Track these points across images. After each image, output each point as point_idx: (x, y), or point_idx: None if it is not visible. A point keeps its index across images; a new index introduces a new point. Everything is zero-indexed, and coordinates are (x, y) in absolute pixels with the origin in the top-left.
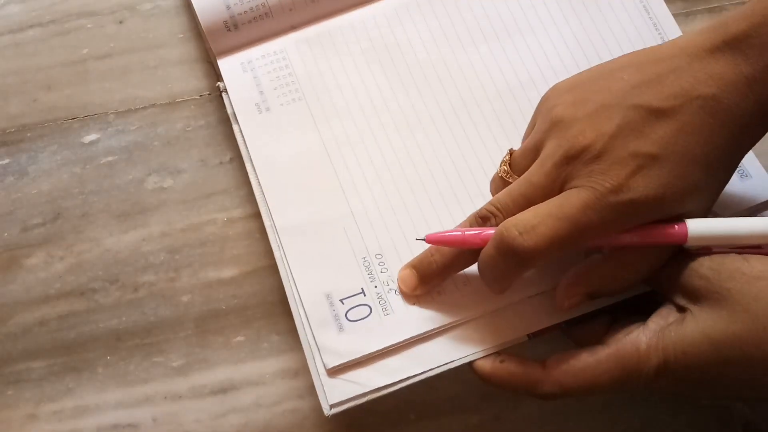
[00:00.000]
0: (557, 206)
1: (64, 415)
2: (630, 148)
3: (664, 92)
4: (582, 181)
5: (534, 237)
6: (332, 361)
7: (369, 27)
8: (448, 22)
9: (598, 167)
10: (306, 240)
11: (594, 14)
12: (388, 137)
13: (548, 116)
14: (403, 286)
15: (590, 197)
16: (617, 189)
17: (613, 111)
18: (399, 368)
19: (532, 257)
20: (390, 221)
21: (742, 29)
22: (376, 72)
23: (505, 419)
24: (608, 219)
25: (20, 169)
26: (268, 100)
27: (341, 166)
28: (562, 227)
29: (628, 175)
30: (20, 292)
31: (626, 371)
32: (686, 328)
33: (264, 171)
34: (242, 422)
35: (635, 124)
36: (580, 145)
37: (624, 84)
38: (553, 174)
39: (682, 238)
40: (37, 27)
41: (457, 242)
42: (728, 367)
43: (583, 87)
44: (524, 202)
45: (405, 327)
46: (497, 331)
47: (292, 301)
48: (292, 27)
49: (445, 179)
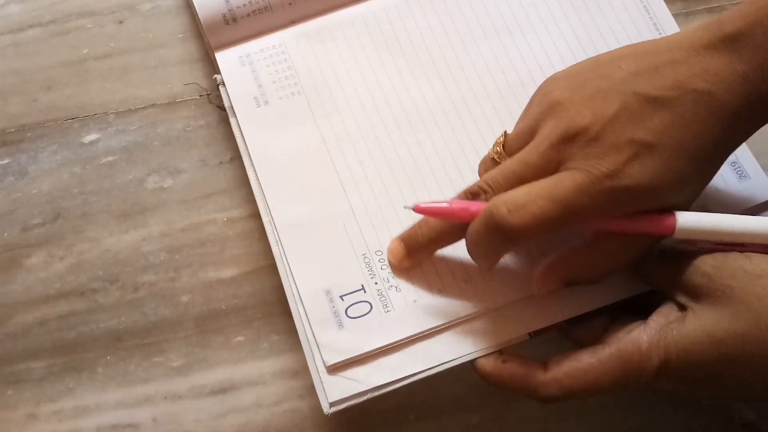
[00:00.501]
0: (550, 187)
1: (64, 415)
2: (627, 134)
3: (661, 82)
4: (578, 164)
5: (523, 216)
6: (332, 358)
7: (369, 22)
8: (448, 18)
9: (595, 150)
10: (305, 236)
11: (594, 13)
12: (388, 133)
13: (545, 100)
14: (391, 257)
15: (584, 180)
16: (612, 174)
17: (611, 96)
18: (400, 366)
19: (519, 235)
20: (390, 217)
21: (737, 28)
22: (375, 67)
23: (505, 419)
24: (600, 203)
25: (20, 169)
26: (267, 94)
27: (341, 162)
28: (552, 208)
29: (624, 161)
30: (20, 292)
31: (628, 371)
32: (688, 327)
33: (262, 165)
34: (242, 422)
35: (633, 111)
36: (578, 126)
37: (622, 72)
38: (548, 154)
39: (670, 230)
40: (37, 27)
41: (445, 213)
42: (730, 365)
43: (581, 74)
44: (516, 181)
45: (406, 324)
46: (499, 329)
47: (291, 298)
48: (291, 21)
49: (445, 175)
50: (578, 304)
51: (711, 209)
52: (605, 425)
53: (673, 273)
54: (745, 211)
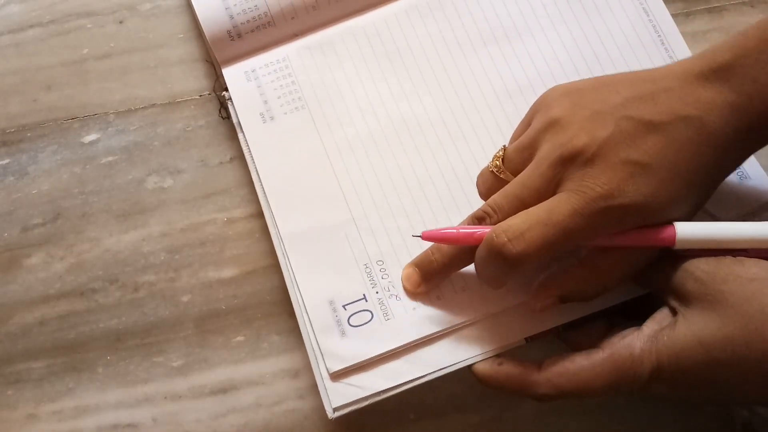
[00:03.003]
0: (546, 212)
1: (64, 415)
2: (622, 155)
3: (655, 108)
4: (574, 185)
5: (522, 243)
6: (335, 366)
7: (369, 33)
8: (447, 26)
9: (591, 171)
10: (309, 247)
11: (593, 17)
12: (389, 143)
13: (545, 116)
14: (407, 284)
15: (578, 203)
16: (607, 194)
17: (607, 119)
18: (400, 372)
19: (520, 262)
20: (391, 227)
21: (726, 59)
22: (376, 78)
23: (505, 419)
24: (595, 223)
25: (20, 169)
26: (272, 110)
27: (343, 173)
28: (549, 233)
29: (619, 180)
30: (20, 292)
31: (620, 375)
32: (679, 332)
33: (269, 180)
34: (242, 422)
35: (628, 134)
36: (575, 148)
37: (619, 97)
38: (548, 175)
39: (669, 241)
40: (37, 27)
41: (451, 239)
42: (721, 369)
43: (581, 93)
44: (519, 203)
45: (405, 331)
46: (495, 334)
47: (297, 306)
48: (294, 35)
49: (444, 185)
50: (574, 309)
51: (711, 210)
52: (605, 425)
53: (666, 277)
54: (746, 211)
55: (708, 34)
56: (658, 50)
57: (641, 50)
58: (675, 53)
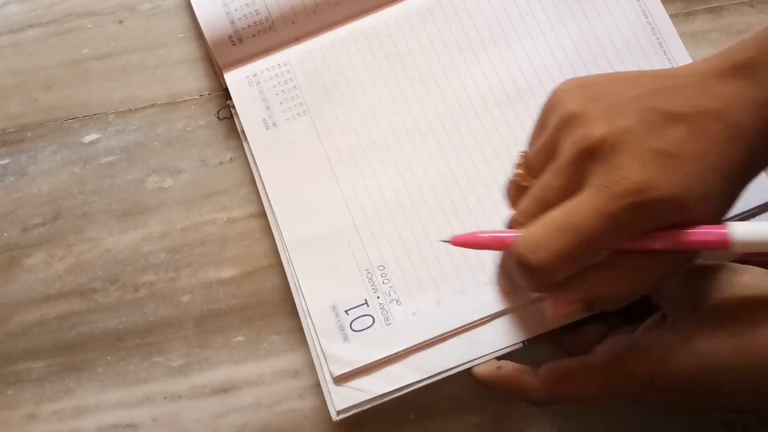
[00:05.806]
0: (566, 215)
1: (64, 415)
2: (647, 144)
3: (678, 101)
4: (598, 180)
5: (541, 254)
6: (338, 370)
7: (369, 36)
8: (447, 29)
9: (615, 162)
10: (313, 253)
11: (593, 19)
12: (390, 149)
13: (561, 112)
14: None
15: (602, 200)
16: (637, 188)
17: (627, 109)
18: (401, 375)
19: (543, 273)
20: (391, 233)
21: (746, 57)
22: (377, 82)
23: (505, 419)
24: (624, 222)
25: (20, 169)
26: (275, 115)
27: (344, 179)
28: (568, 239)
29: (650, 171)
30: (20, 292)
31: (613, 382)
32: (670, 339)
33: (273, 189)
34: (242, 422)
35: (651, 124)
36: (595, 138)
37: (638, 89)
38: (570, 172)
39: (723, 243)
40: (37, 27)
41: (482, 245)
42: (712, 377)
43: (597, 86)
44: (545, 206)
45: (406, 336)
46: (494, 337)
47: (301, 311)
48: (295, 39)
49: (445, 191)
50: None
51: None
52: (605, 425)
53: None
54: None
55: (708, 34)
56: (657, 53)
57: (640, 53)
58: (674, 56)
